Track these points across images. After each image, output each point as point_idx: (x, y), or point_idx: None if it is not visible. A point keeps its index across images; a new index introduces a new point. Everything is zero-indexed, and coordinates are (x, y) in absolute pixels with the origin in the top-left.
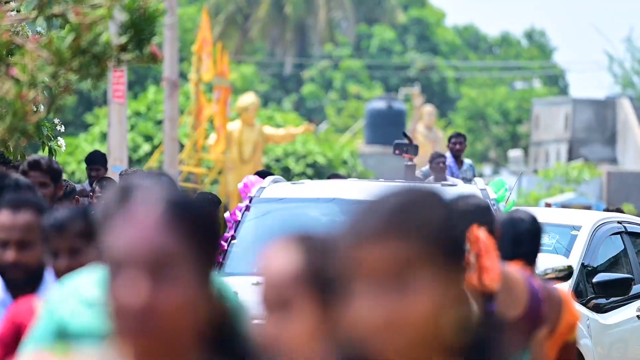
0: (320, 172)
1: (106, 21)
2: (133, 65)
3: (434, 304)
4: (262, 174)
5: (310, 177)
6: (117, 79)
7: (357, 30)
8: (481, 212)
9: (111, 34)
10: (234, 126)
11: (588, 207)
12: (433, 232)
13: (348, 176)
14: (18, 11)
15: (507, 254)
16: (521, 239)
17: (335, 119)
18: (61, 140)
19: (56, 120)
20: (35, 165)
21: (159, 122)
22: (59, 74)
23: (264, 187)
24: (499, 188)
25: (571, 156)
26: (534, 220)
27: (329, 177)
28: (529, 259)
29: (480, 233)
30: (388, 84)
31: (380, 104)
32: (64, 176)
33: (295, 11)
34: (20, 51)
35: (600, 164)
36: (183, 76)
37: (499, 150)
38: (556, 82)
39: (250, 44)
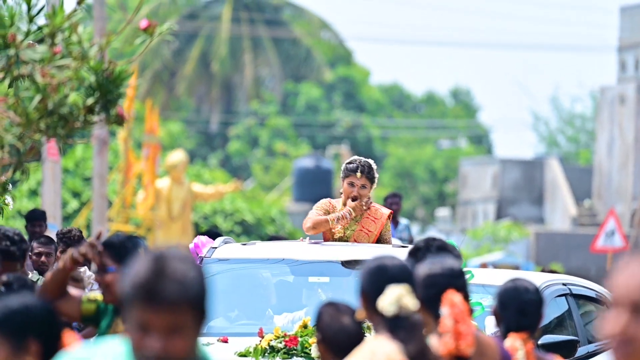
0: (248, 230)
1: (73, 82)
2: (100, 126)
3: None
4: (211, 235)
5: (239, 235)
6: None
7: (284, 87)
8: (456, 276)
9: (77, 95)
10: (163, 184)
11: (516, 267)
12: None
13: (278, 234)
14: None
15: (512, 325)
16: (526, 310)
17: (262, 177)
18: (9, 198)
19: (2, 178)
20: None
21: (87, 179)
22: (25, 135)
23: (215, 248)
24: None
25: (499, 215)
26: (537, 290)
27: (269, 239)
28: (533, 330)
29: (455, 298)
30: (314, 141)
31: (308, 162)
32: None
33: (221, 68)
34: None
35: (528, 224)
36: (112, 133)
37: (427, 209)
38: (481, 141)
39: (176, 100)
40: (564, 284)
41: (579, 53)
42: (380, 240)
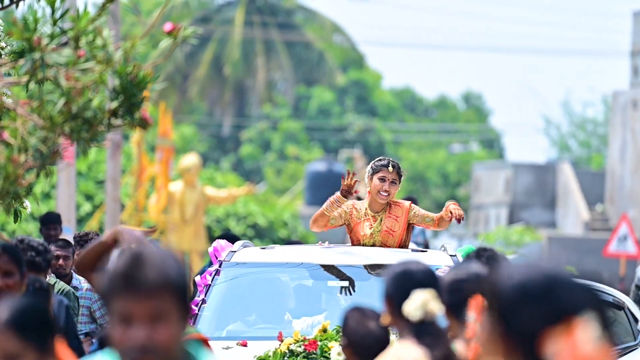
0: (260, 233)
1: (97, 86)
2: (124, 130)
3: None
4: (229, 238)
5: (251, 239)
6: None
7: (296, 91)
8: (482, 282)
9: (101, 99)
10: (176, 187)
11: None
12: None
13: (295, 239)
14: (9, 74)
15: None
16: None
17: (274, 180)
18: (26, 202)
19: (23, 182)
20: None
21: (100, 182)
22: (49, 139)
23: (234, 252)
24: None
25: (511, 220)
26: None
27: (286, 244)
28: None
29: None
30: (326, 145)
31: (320, 166)
32: (6, 235)
33: (234, 72)
34: (10, 114)
35: (540, 228)
36: (125, 136)
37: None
38: (492, 145)
39: (188, 104)
40: None
41: (590, 58)
42: (414, 226)
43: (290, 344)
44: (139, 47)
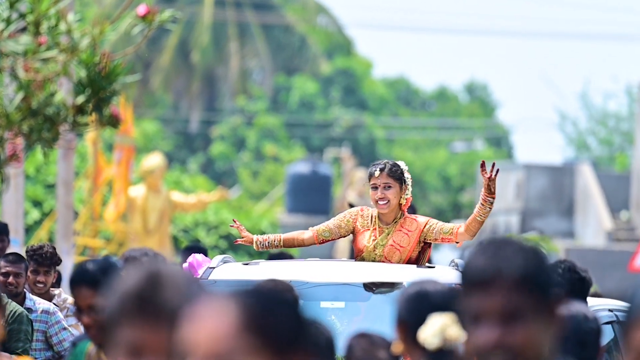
0: (235, 245)
1: (60, 78)
2: (90, 129)
3: None
4: (197, 251)
5: (224, 251)
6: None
7: (275, 81)
8: None
9: (65, 93)
10: (137, 191)
11: None
12: None
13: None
14: None
15: (570, 358)
16: (587, 340)
17: (250, 184)
18: None
19: None
20: None
21: (50, 186)
22: (5, 139)
23: (213, 268)
24: None
25: (523, 229)
26: (596, 318)
27: (270, 258)
28: None
29: None
30: (310, 144)
31: (303, 168)
32: None
33: (203, 59)
34: None
35: (556, 239)
36: (78, 134)
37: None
38: (500, 143)
39: (150, 96)
40: (611, 310)
41: (612, 43)
42: (431, 243)
43: None
44: (108, 34)
